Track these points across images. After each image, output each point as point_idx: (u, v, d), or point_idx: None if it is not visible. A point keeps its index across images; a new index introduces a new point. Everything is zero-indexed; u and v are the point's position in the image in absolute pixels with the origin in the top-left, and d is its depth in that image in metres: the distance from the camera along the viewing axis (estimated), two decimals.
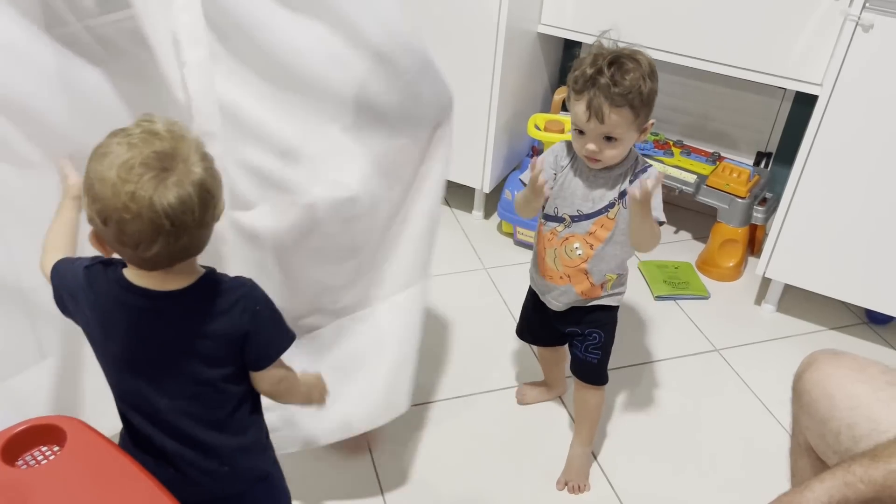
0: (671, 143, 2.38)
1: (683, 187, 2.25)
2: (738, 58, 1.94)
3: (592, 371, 1.53)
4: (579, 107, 1.28)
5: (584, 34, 2.13)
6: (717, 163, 2.30)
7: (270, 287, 1.01)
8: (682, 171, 2.26)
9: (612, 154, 1.31)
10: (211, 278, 0.95)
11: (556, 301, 1.47)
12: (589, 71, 1.26)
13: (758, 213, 2.22)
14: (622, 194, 1.34)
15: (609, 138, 1.29)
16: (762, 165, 2.37)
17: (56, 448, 0.97)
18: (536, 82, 2.41)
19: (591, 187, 1.37)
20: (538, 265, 1.49)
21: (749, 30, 1.89)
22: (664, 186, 2.26)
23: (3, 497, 0.90)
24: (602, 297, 1.45)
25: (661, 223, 1.32)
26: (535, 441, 1.70)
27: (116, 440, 1.01)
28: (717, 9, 1.90)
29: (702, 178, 2.25)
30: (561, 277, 1.44)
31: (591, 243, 1.39)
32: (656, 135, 2.41)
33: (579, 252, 1.40)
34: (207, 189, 0.87)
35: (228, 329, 0.93)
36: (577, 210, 1.39)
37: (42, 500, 0.89)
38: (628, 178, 1.35)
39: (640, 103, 1.27)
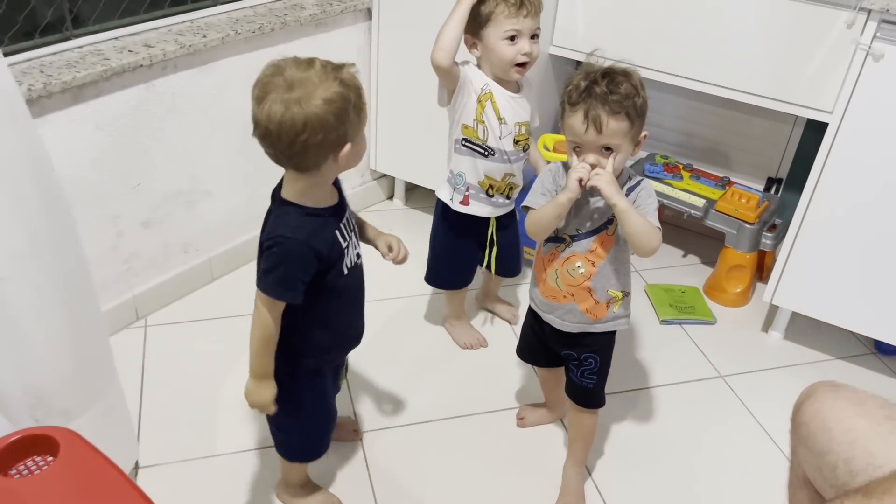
0: (681, 166, 2.37)
1: (692, 211, 2.24)
2: (750, 84, 1.94)
3: (588, 395, 1.52)
4: (576, 118, 1.27)
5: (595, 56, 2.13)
6: (727, 187, 2.29)
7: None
8: (691, 195, 2.26)
9: (611, 166, 1.30)
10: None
11: (563, 320, 1.46)
12: (583, 83, 1.27)
13: (766, 239, 2.21)
14: None
15: (607, 149, 1.29)
16: (772, 191, 2.36)
17: (50, 458, 0.98)
18: (546, 103, 2.42)
19: (590, 206, 1.37)
20: (539, 286, 1.48)
21: (761, 56, 1.89)
22: (673, 209, 2.29)
23: None
24: (608, 319, 1.45)
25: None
26: (534, 462, 1.69)
27: None
28: (729, 35, 1.90)
29: (710, 203, 2.24)
30: (565, 296, 1.44)
31: (592, 261, 1.39)
32: (666, 158, 2.40)
33: (581, 270, 1.40)
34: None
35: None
36: (577, 229, 1.39)
37: None
38: (625, 193, 1.34)
39: (635, 113, 1.27)
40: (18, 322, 1.22)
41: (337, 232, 1.25)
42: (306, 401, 1.38)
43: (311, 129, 1.10)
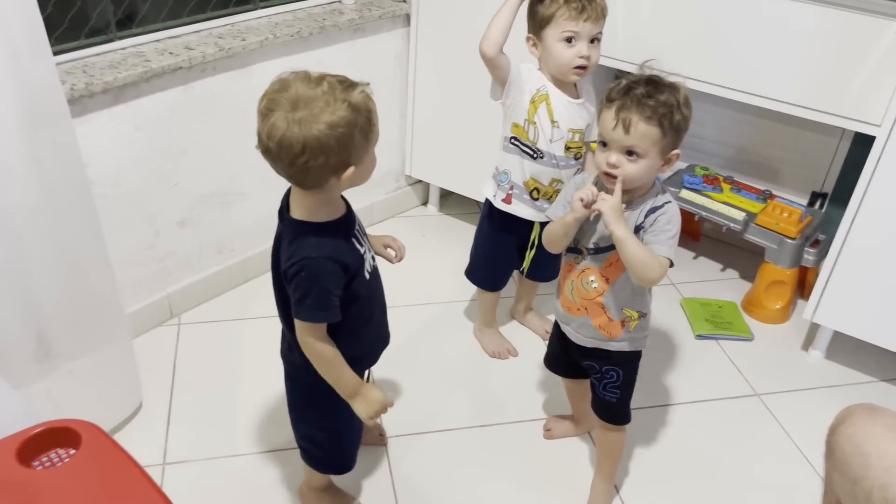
0: (721, 178, 2.32)
1: (731, 224, 2.19)
2: (795, 95, 1.88)
3: (611, 410, 1.49)
4: (608, 115, 1.26)
5: (635, 64, 2.10)
6: (768, 201, 2.23)
7: None
8: (731, 208, 2.20)
9: (631, 171, 1.27)
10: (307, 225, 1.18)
11: (577, 333, 1.45)
12: (625, 82, 1.26)
13: (809, 255, 2.15)
14: (638, 229, 1.31)
15: (631, 153, 1.26)
16: (817, 206, 2.29)
17: (72, 451, 0.99)
18: None
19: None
20: (559, 296, 1.47)
21: (807, 67, 1.84)
22: (712, 222, 2.24)
23: (16, 496, 0.92)
24: (623, 338, 1.41)
25: (669, 260, 1.28)
26: (560, 475, 1.66)
27: None
28: (774, 45, 1.86)
29: (751, 216, 2.18)
30: (578, 309, 1.42)
31: (606, 277, 1.36)
32: (706, 169, 2.36)
33: (595, 285, 1.38)
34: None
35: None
36: (594, 243, 1.36)
37: (51, 500, 0.91)
38: (644, 214, 1.31)
39: (669, 125, 1.24)
40: (29, 273, 1.36)
41: (353, 240, 1.24)
42: (341, 415, 1.35)
43: (310, 152, 1.07)
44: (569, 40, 1.56)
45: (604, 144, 1.29)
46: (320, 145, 1.07)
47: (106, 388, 1.64)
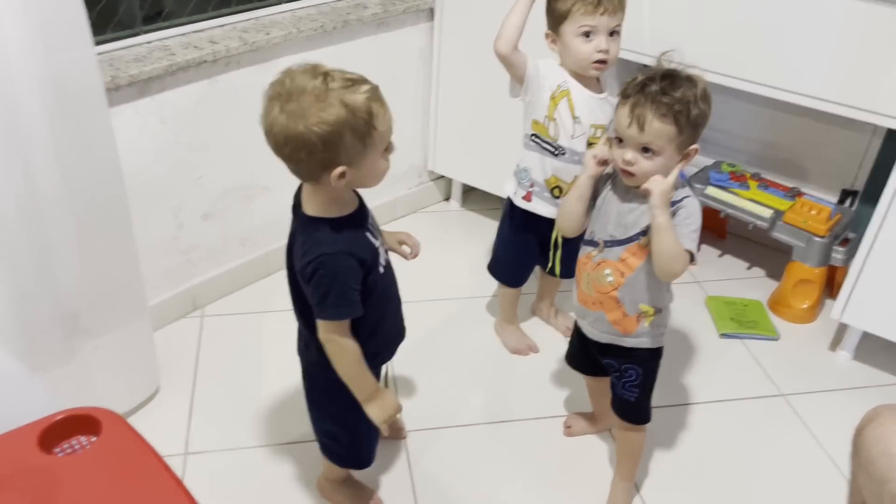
0: (748, 175, 2.28)
1: (758, 222, 2.15)
2: (825, 90, 1.84)
3: (630, 409, 1.48)
4: (623, 111, 1.25)
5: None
6: (796, 198, 2.19)
7: None
8: (758, 205, 2.17)
9: (647, 168, 1.25)
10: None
11: (591, 328, 1.43)
12: (640, 78, 1.24)
13: (838, 254, 2.10)
14: None
15: (647, 150, 1.24)
16: (847, 204, 2.24)
17: (93, 438, 1.00)
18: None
19: (625, 212, 1.33)
20: (576, 289, 1.46)
21: (837, 62, 1.80)
22: (737, 220, 2.20)
23: (37, 482, 0.93)
24: (639, 334, 1.40)
25: (691, 255, 1.26)
26: (580, 473, 1.65)
27: None
28: (804, 38, 1.82)
29: (778, 214, 2.15)
30: (593, 303, 1.40)
31: (622, 271, 1.35)
32: (733, 166, 2.32)
33: (610, 279, 1.36)
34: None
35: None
36: (610, 235, 1.35)
37: (71, 487, 0.92)
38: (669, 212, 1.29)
39: (686, 121, 1.22)
40: (56, 250, 1.41)
41: (367, 233, 1.24)
42: (359, 411, 1.33)
43: (292, 147, 1.08)
44: (587, 35, 1.55)
45: (620, 141, 1.28)
46: (302, 140, 1.07)
47: (126, 367, 1.69)
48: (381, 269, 1.27)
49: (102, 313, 1.57)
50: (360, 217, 1.24)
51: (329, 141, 1.07)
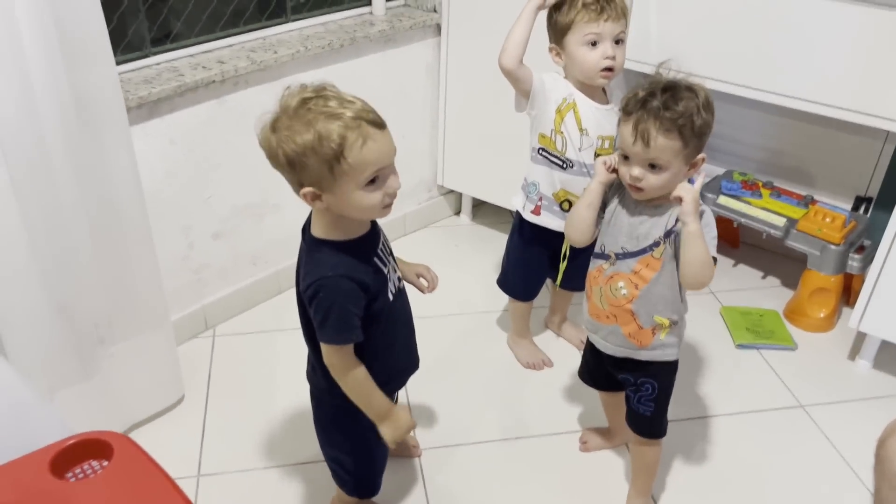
0: (760, 183, 2.27)
1: (772, 231, 2.13)
2: (837, 97, 1.83)
3: (646, 424, 1.46)
4: (626, 129, 1.24)
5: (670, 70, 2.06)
6: (810, 206, 2.17)
7: None
8: (771, 214, 2.15)
9: (655, 182, 1.24)
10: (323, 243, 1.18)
11: (605, 342, 1.41)
12: (641, 93, 1.23)
13: (854, 262, 2.08)
14: (668, 234, 1.28)
15: (653, 165, 1.23)
16: (861, 211, 2.22)
17: (104, 462, 0.99)
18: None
19: (636, 224, 1.31)
20: (587, 303, 1.44)
21: (849, 68, 1.78)
22: (751, 229, 2.18)
23: None
24: (654, 347, 1.38)
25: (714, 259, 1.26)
26: (596, 489, 1.63)
27: None
28: (814, 45, 1.81)
29: (792, 222, 2.13)
30: (607, 317, 1.38)
31: (635, 283, 1.33)
32: (744, 175, 2.30)
33: (623, 292, 1.34)
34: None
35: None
36: (622, 248, 1.33)
37: None
38: (675, 219, 1.27)
39: (691, 133, 1.21)
40: (81, 263, 1.46)
41: (376, 259, 1.22)
42: (369, 441, 1.33)
43: (269, 158, 1.12)
44: (592, 43, 1.54)
45: (626, 157, 1.27)
46: (273, 154, 1.11)
47: (151, 375, 1.73)
48: (391, 297, 1.25)
49: (124, 322, 1.61)
50: (368, 242, 1.22)
51: (293, 161, 1.10)
